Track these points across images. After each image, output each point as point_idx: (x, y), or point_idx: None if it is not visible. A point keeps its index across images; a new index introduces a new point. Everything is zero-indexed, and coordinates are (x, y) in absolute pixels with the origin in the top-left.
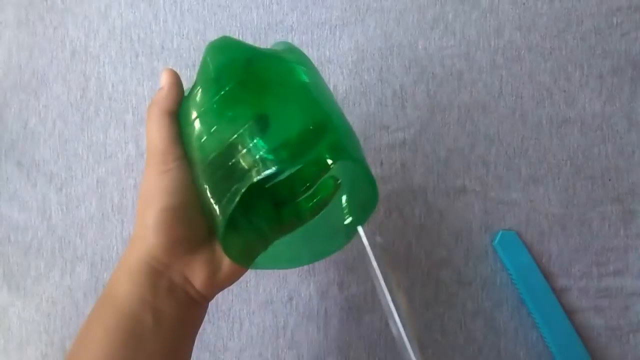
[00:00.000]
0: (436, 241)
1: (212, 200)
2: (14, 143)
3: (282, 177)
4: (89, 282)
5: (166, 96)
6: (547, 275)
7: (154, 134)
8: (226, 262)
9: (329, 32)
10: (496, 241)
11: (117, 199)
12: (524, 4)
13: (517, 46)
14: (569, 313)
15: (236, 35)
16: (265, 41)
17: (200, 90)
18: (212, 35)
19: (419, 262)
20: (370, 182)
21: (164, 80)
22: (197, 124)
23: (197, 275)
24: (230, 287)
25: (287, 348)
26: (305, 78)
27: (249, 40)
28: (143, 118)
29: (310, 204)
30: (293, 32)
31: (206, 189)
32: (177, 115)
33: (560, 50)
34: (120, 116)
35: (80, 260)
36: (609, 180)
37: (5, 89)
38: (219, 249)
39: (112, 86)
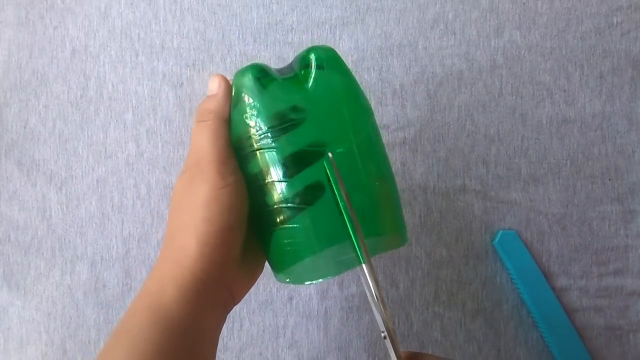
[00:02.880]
0: (436, 241)
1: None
2: (14, 143)
3: None
4: (89, 282)
5: (223, 104)
6: (547, 275)
7: (208, 142)
8: (259, 272)
9: (329, 32)
10: (496, 241)
11: (117, 198)
12: (524, 3)
13: (517, 46)
14: (569, 313)
15: (236, 34)
16: (265, 41)
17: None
18: (213, 35)
19: (419, 262)
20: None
21: (218, 86)
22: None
23: (240, 290)
24: None
25: (287, 348)
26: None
27: (249, 40)
28: (143, 118)
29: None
30: (293, 32)
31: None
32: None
33: (560, 49)
34: (120, 116)
35: (80, 259)
36: (609, 180)
37: (5, 88)
38: (257, 261)
39: (112, 86)
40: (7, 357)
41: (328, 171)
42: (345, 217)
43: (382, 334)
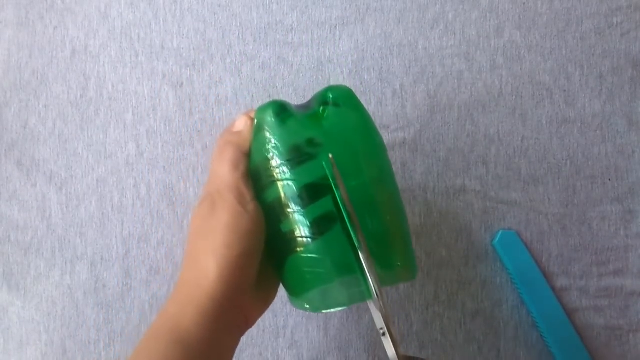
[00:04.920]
0: (436, 241)
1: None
2: (14, 143)
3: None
4: (89, 282)
5: (246, 139)
6: (547, 275)
7: (229, 172)
8: (272, 298)
9: (329, 32)
10: (496, 241)
11: (117, 198)
12: (524, 3)
13: (517, 46)
14: (569, 313)
15: (236, 34)
16: (265, 41)
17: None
18: (213, 35)
19: (419, 262)
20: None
21: (245, 125)
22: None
23: (254, 314)
24: None
25: (287, 348)
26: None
27: (249, 40)
28: (143, 118)
29: None
30: (293, 32)
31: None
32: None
33: (561, 50)
34: (120, 116)
35: (80, 259)
36: (609, 180)
37: (5, 88)
38: (271, 288)
39: (112, 86)
40: (7, 357)
41: (328, 172)
42: (345, 216)
43: (381, 331)
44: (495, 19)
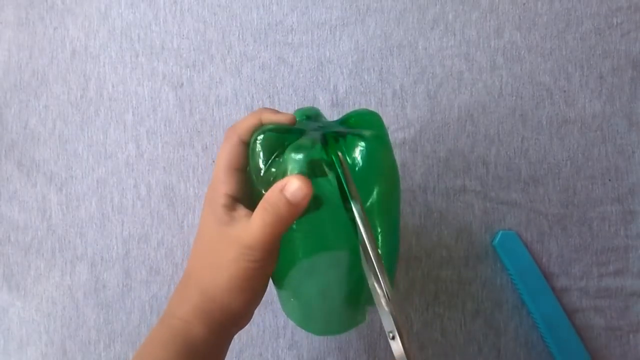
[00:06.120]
0: (436, 241)
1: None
2: (14, 143)
3: None
4: (89, 282)
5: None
6: (547, 275)
7: (257, 233)
8: (261, 299)
9: (329, 32)
10: (496, 241)
11: (117, 199)
12: (524, 4)
13: (517, 46)
14: (569, 313)
15: (236, 35)
16: (265, 41)
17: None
18: (213, 35)
19: (419, 262)
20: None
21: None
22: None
23: (247, 318)
24: None
25: (287, 348)
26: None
27: (249, 40)
28: (143, 118)
29: None
30: (293, 32)
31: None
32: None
33: (560, 50)
34: (120, 116)
35: (80, 260)
36: (609, 180)
37: (5, 89)
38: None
39: (112, 86)
40: (7, 357)
41: (338, 169)
42: (356, 210)
43: (390, 334)
44: (495, 19)
